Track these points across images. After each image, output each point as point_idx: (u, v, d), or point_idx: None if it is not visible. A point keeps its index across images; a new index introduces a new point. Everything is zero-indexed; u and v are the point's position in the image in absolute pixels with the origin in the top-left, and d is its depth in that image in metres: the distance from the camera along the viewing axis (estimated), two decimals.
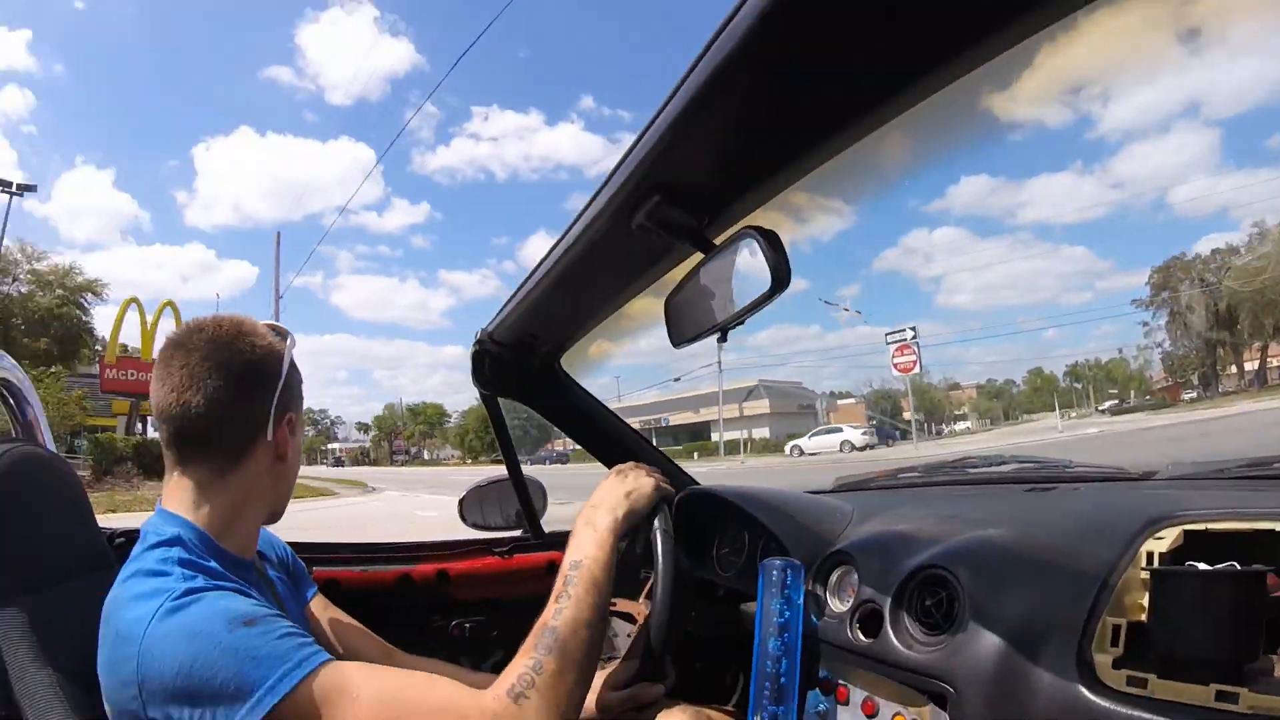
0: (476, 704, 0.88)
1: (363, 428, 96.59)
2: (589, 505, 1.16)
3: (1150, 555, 0.97)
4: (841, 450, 40.05)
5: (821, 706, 1.18)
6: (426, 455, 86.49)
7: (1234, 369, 48.82)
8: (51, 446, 1.38)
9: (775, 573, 1.16)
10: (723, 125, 0.78)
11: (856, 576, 1.21)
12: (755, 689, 1.12)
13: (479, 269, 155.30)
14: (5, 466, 1.06)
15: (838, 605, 1.23)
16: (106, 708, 0.88)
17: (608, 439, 1.90)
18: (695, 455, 49.96)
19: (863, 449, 39.78)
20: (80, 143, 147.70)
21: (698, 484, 1.83)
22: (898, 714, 1.07)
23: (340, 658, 0.93)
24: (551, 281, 1.22)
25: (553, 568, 1.24)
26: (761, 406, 49.50)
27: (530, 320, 1.45)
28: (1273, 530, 0.94)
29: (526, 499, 1.96)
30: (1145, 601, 0.93)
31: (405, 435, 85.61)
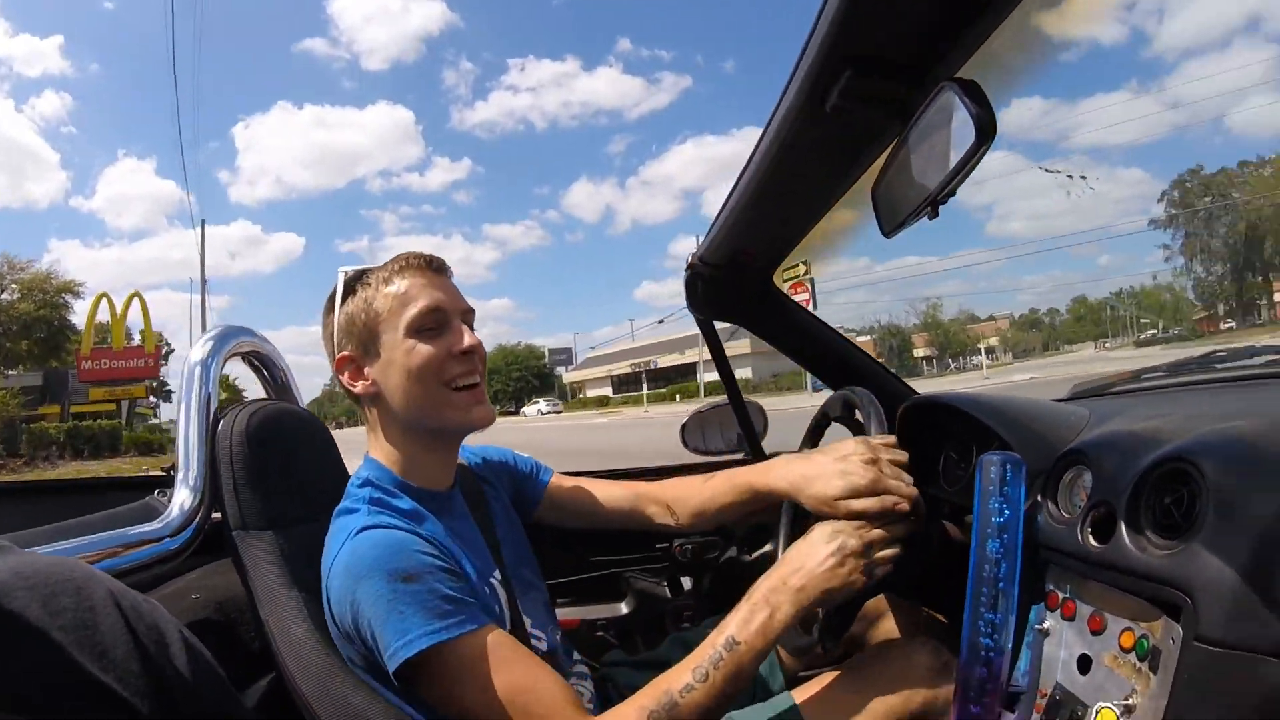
0: None
1: None
2: (781, 573, 1.03)
3: None
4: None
5: (1046, 622, 1.10)
6: None
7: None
8: (303, 404, 1.60)
9: (994, 469, 1.08)
10: None
11: (1090, 477, 1.10)
12: (972, 594, 1.06)
13: (522, 220, 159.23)
14: (261, 419, 1.24)
15: (1068, 510, 1.13)
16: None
17: (830, 358, 1.85)
18: (677, 398, 50.16)
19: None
20: (121, 137, 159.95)
21: (917, 393, 1.75)
22: (1126, 629, 0.97)
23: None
24: (754, 191, 1.20)
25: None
26: (743, 346, 44.82)
27: (738, 236, 1.44)
28: None
29: (747, 422, 1.98)
30: None
31: None
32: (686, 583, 1.99)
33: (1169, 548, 0.91)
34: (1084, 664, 1.02)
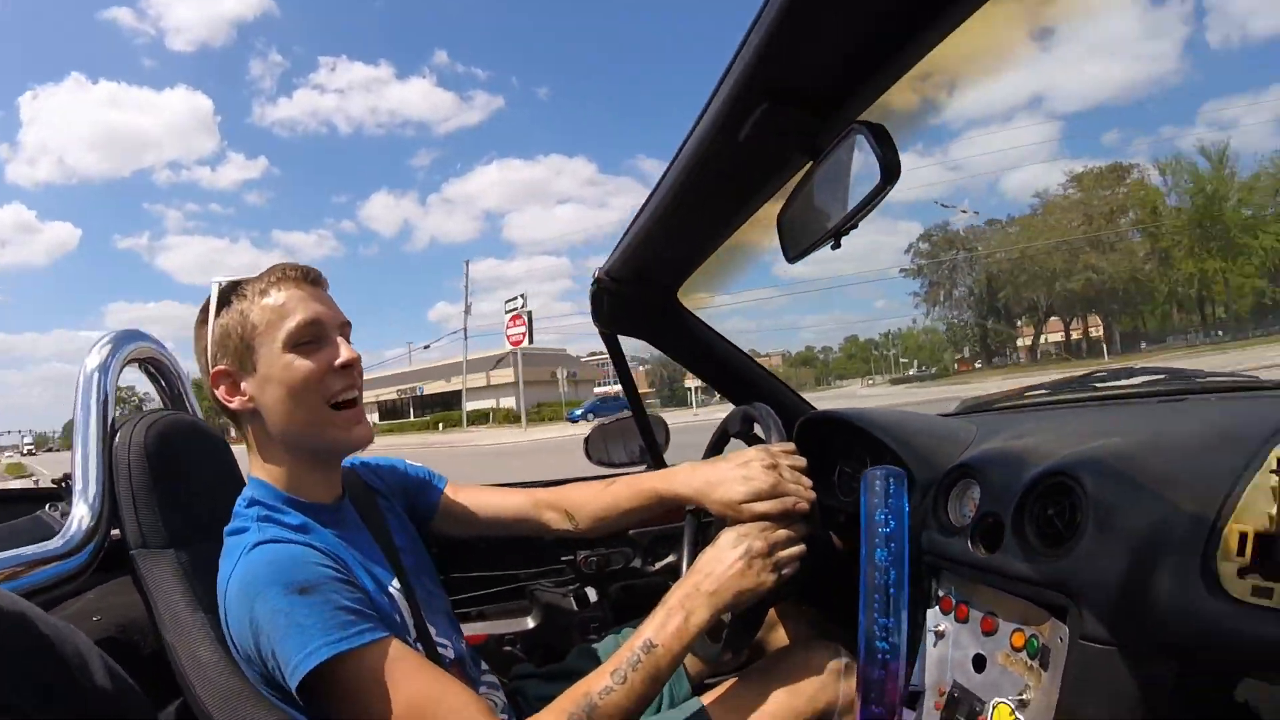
0: None
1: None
2: (693, 580, 1.06)
3: None
4: None
5: (941, 625, 1.17)
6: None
7: (1022, 343, 46.33)
8: (199, 415, 1.52)
9: (878, 482, 1.14)
10: (837, 13, 0.76)
11: (978, 489, 1.18)
12: (865, 600, 1.12)
13: (316, 229, 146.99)
14: (160, 431, 1.19)
15: (958, 520, 1.20)
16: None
17: (732, 374, 1.90)
18: (440, 427, 47.63)
19: None
20: None
21: (814, 409, 1.82)
22: (1016, 630, 1.05)
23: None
24: (664, 209, 1.23)
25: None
26: (508, 376, 45.29)
27: (645, 252, 1.47)
28: None
29: (650, 434, 2.01)
30: (1274, 511, 0.88)
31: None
32: (592, 594, 1.99)
33: (1053, 555, 1.00)
34: (979, 663, 1.10)
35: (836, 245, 0.95)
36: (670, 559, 1.96)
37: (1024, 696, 1.02)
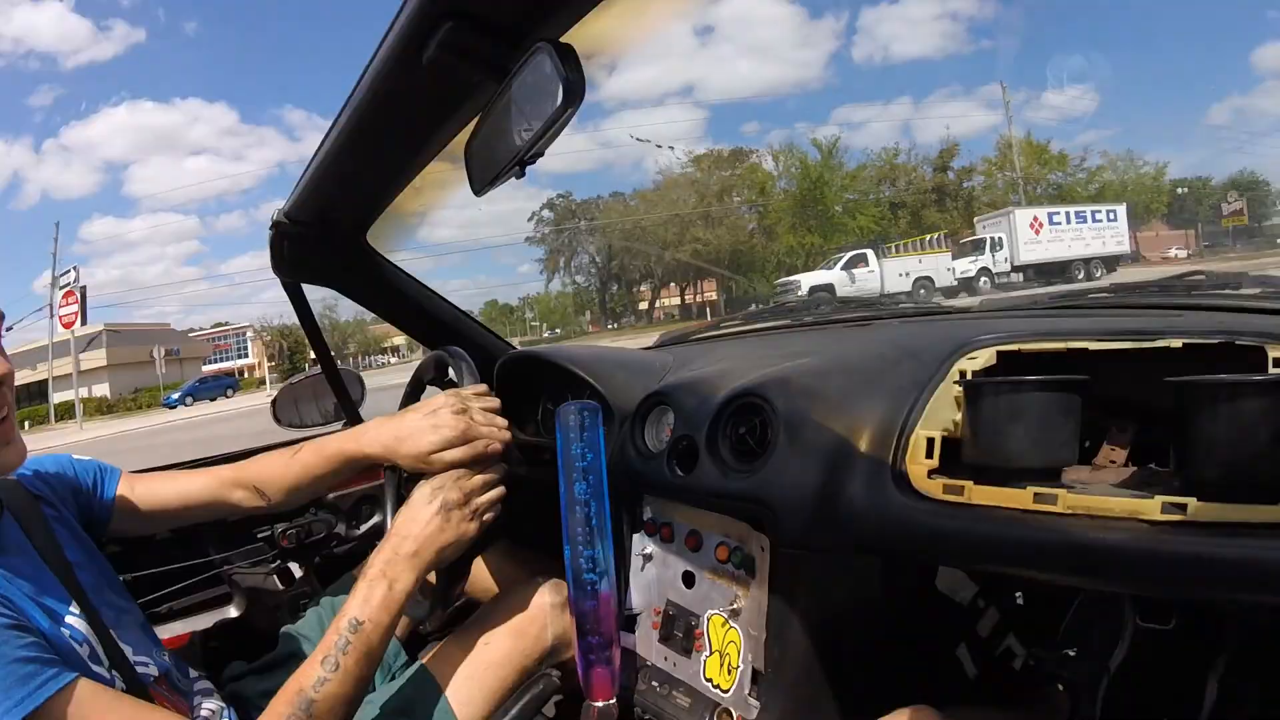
0: None
1: None
2: (391, 544, 1.03)
3: (964, 374, 1.05)
4: None
5: (648, 548, 1.24)
6: None
7: (643, 306, 53.35)
8: None
9: (572, 417, 1.17)
10: None
11: (673, 415, 1.24)
12: (568, 534, 1.15)
13: None
14: None
15: (656, 445, 1.25)
16: None
17: (427, 319, 1.82)
18: (27, 425, 41.02)
19: None
20: None
21: (515, 348, 1.82)
22: (720, 544, 1.13)
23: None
24: (345, 141, 1.11)
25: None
26: (98, 359, 41.55)
27: (328, 190, 1.33)
28: (1085, 349, 1.03)
29: (343, 391, 1.87)
30: (959, 417, 1.01)
31: None
32: (296, 570, 1.84)
33: (747, 471, 1.07)
34: (689, 579, 1.17)
35: (521, 174, 0.93)
36: (375, 519, 1.87)
37: (735, 606, 1.11)
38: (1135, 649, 1.11)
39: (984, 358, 1.03)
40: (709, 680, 1.13)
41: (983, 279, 25.73)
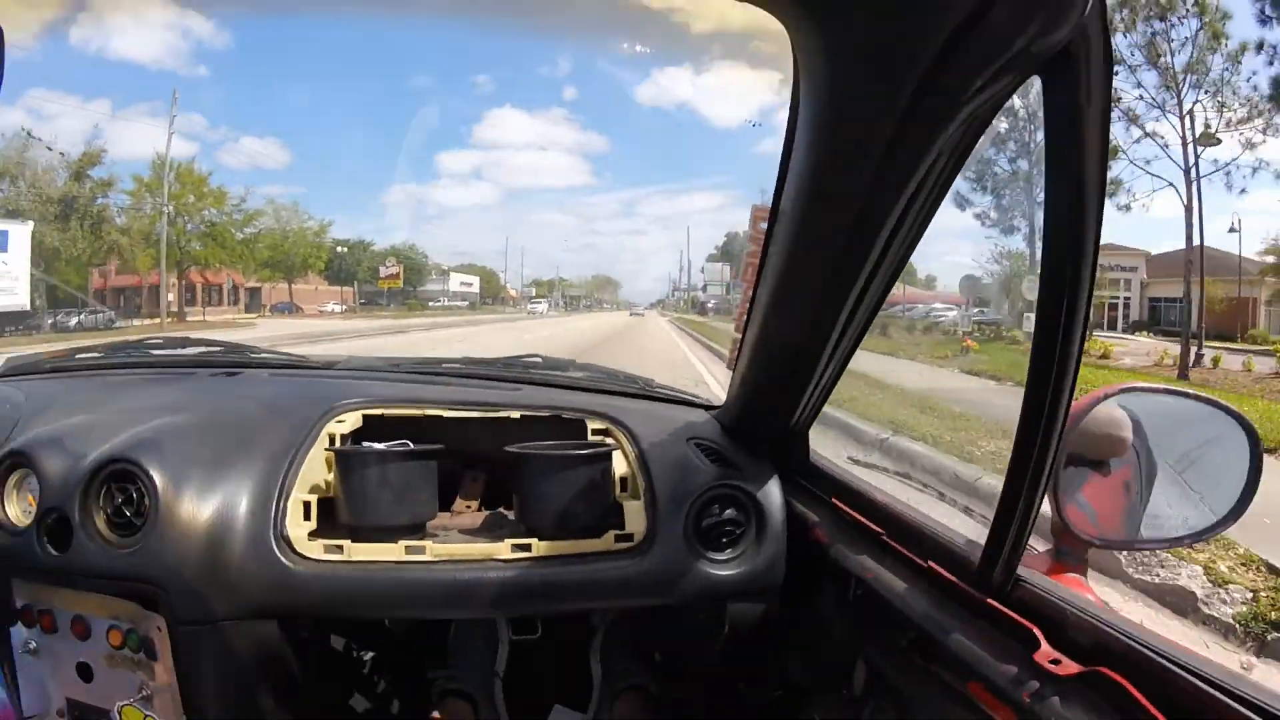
0: None
1: None
2: None
3: (333, 437, 1.13)
4: None
5: (31, 643, 1.10)
6: None
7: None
8: None
9: None
10: None
11: (36, 481, 1.09)
12: None
13: None
14: None
15: (19, 518, 1.09)
16: None
17: None
18: None
19: None
20: None
21: None
22: (111, 628, 1.06)
23: None
24: None
25: None
26: None
27: None
28: (440, 416, 1.19)
29: None
30: (331, 478, 1.09)
31: None
32: None
33: (128, 546, 1.02)
34: (85, 672, 1.07)
35: None
36: None
37: (145, 693, 1.05)
38: (515, 656, 1.36)
39: (351, 420, 1.17)
40: None
41: None
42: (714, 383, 8.47)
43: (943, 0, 0.58)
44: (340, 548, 1.06)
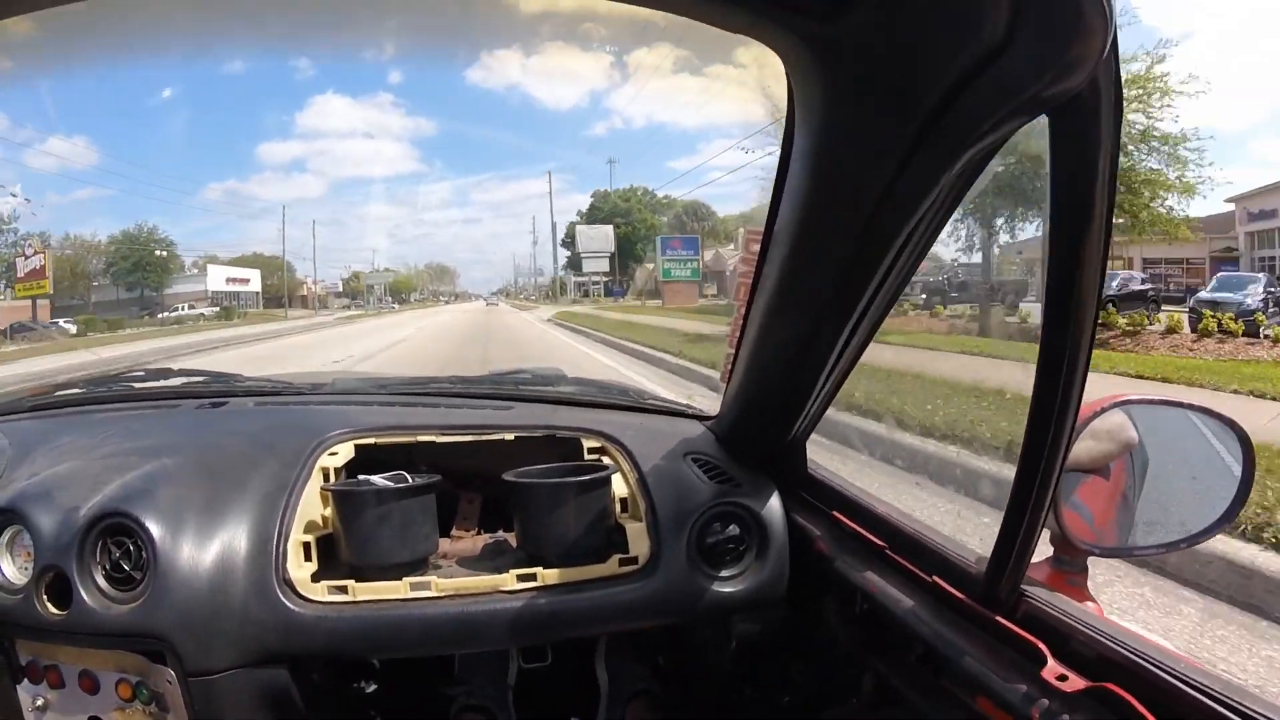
0: None
1: None
2: None
3: (326, 472, 1.12)
4: None
5: (39, 700, 1.09)
6: None
7: None
8: None
9: None
10: None
11: (30, 538, 1.06)
12: None
13: None
14: None
15: (16, 576, 1.06)
16: None
17: None
18: None
19: None
20: None
21: None
22: (120, 681, 1.05)
23: None
24: None
25: None
26: None
27: None
28: (432, 441, 1.18)
29: None
30: (329, 514, 1.08)
31: None
32: None
33: (130, 600, 1.00)
34: None
35: None
36: None
37: None
38: (526, 672, 1.36)
39: (344, 452, 1.15)
40: None
41: None
42: None
43: (954, 46, 0.57)
44: (344, 588, 1.05)
